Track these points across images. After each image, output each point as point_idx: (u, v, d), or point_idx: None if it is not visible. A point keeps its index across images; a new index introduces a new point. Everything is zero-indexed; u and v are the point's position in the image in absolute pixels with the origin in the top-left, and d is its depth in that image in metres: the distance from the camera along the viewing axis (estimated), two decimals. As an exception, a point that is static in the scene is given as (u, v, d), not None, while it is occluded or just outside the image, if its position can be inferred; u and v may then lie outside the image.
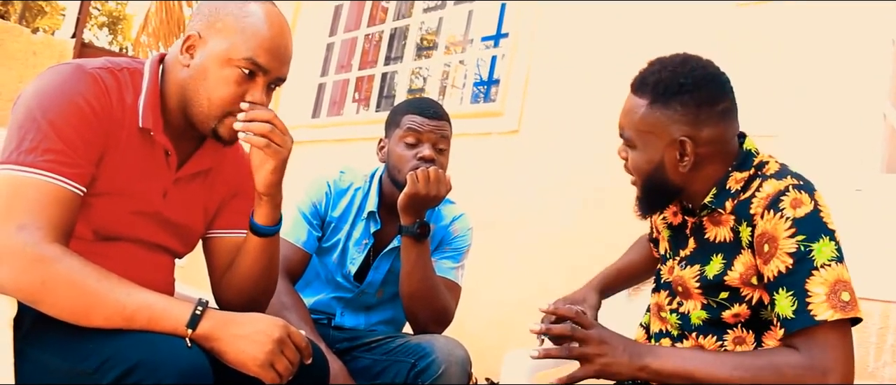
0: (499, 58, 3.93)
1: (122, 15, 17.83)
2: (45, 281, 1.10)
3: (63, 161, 1.18)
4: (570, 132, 2.96)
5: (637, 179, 1.44)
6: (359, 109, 4.73)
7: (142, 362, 1.04)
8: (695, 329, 1.42)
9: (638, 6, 2.86)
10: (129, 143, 1.29)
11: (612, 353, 1.31)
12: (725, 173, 1.39)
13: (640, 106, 1.38)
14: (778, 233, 1.27)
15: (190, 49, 1.32)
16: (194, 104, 1.33)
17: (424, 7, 4.37)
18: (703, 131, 1.35)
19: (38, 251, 1.11)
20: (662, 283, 1.53)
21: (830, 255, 1.23)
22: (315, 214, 1.96)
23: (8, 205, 1.14)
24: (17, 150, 1.17)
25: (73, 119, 1.20)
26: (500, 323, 2.93)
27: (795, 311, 1.23)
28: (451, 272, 1.96)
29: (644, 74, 1.41)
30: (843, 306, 1.21)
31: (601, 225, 2.71)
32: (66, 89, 1.22)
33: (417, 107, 1.93)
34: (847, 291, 1.22)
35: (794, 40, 2.34)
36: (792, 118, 2.27)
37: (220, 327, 1.14)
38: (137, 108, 1.30)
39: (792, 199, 1.27)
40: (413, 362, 1.75)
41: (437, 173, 1.80)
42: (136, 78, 1.32)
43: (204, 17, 1.33)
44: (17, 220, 1.13)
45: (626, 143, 1.43)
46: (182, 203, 1.40)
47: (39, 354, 1.14)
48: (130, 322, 1.11)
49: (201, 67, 1.31)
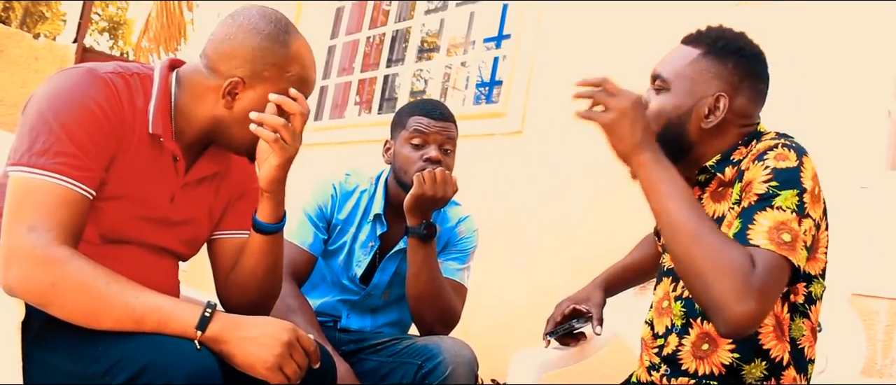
0: (501, 59, 3.93)
1: (122, 20, 17.84)
2: (54, 283, 1.10)
3: (74, 164, 1.18)
4: (573, 132, 2.95)
5: (653, 127, 1.39)
6: (361, 112, 4.73)
7: (151, 365, 1.04)
8: (699, 313, 1.41)
9: (640, 6, 2.86)
10: (138, 148, 1.29)
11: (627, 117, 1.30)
12: (733, 146, 1.41)
13: (692, 53, 1.41)
14: (755, 178, 1.27)
15: (232, 94, 1.32)
16: (235, 140, 1.36)
17: (426, 9, 4.37)
18: (739, 98, 1.39)
19: (48, 253, 1.11)
20: (665, 271, 1.53)
21: (791, 205, 1.22)
22: (321, 217, 1.96)
23: (18, 206, 1.14)
24: (29, 151, 1.17)
25: (84, 123, 1.20)
26: (505, 324, 2.93)
27: (736, 234, 1.23)
28: (457, 273, 1.96)
29: (706, 30, 1.45)
30: (779, 243, 1.19)
31: (606, 224, 2.71)
32: (79, 93, 1.22)
33: (423, 108, 1.93)
34: (790, 235, 1.20)
35: (798, 39, 2.34)
36: (796, 116, 2.27)
37: (228, 330, 1.14)
38: (147, 113, 1.30)
39: (777, 154, 1.28)
40: (420, 364, 1.75)
41: (443, 174, 1.79)
42: (147, 83, 1.33)
43: (245, 63, 1.32)
44: (28, 221, 1.13)
45: (656, 87, 1.43)
46: (189, 207, 1.41)
47: (48, 357, 1.14)
48: (140, 324, 1.11)
49: (245, 111, 1.32)
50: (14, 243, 1.12)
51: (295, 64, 1.35)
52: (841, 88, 2.22)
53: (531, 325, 1.97)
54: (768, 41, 2.37)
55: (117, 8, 17.71)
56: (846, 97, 2.20)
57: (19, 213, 1.14)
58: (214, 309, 1.15)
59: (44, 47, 5.29)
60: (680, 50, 1.44)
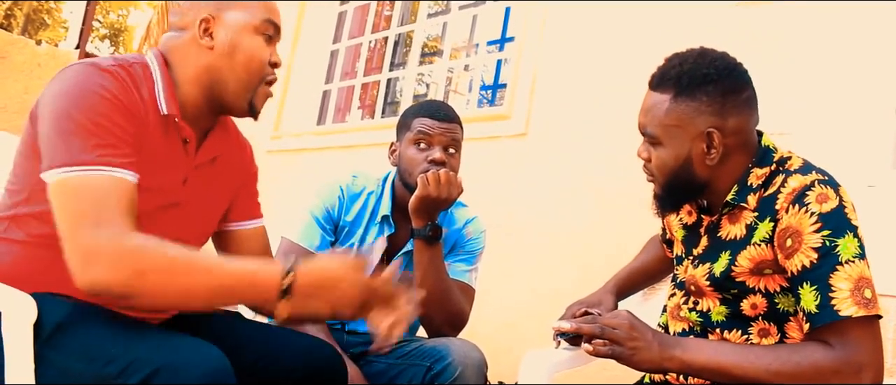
0: (504, 62, 3.93)
1: (123, 26, 17.88)
2: (141, 271, 1.08)
3: (115, 153, 1.18)
4: (578, 134, 2.96)
5: (661, 178, 1.42)
6: (363, 116, 4.73)
7: (166, 366, 1.04)
8: (718, 325, 1.42)
9: (644, 7, 2.86)
10: (154, 134, 1.30)
11: (643, 340, 1.30)
12: (746, 169, 1.38)
13: (664, 101, 1.37)
14: (803, 227, 1.26)
15: (207, 32, 1.36)
16: (230, 81, 1.38)
17: (428, 12, 4.37)
18: (729, 121, 1.35)
19: (125, 243, 1.09)
20: (679, 283, 1.53)
21: (854, 252, 1.23)
22: (328, 219, 1.95)
23: (76, 207, 1.12)
24: (68, 151, 1.15)
25: (108, 112, 1.20)
26: (511, 326, 2.92)
27: (819, 305, 1.23)
28: (464, 275, 1.96)
29: (664, 70, 1.40)
30: (866, 303, 1.21)
31: (611, 226, 2.71)
32: (92, 86, 1.21)
33: (428, 110, 1.93)
34: (869, 289, 1.22)
35: (804, 38, 2.34)
36: (803, 115, 2.27)
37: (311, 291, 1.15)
38: (154, 99, 1.32)
39: (818, 194, 1.27)
40: (429, 366, 1.74)
41: (447, 175, 1.79)
42: (146, 71, 1.34)
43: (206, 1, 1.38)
44: (92, 218, 1.11)
45: (649, 141, 1.41)
46: (201, 190, 1.42)
47: (62, 359, 1.14)
48: (232, 292, 1.14)
49: (229, 43, 1.36)
50: (87, 243, 1.09)
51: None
52: (848, 87, 2.21)
53: (538, 326, 1.96)
54: (774, 41, 2.38)
55: (118, 15, 17.74)
56: (853, 96, 2.20)
57: (80, 214, 1.12)
58: (294, 268, 1.14)
59: (46, 54, 5.31)
60: (652, 98, 1.40)
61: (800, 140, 2.21)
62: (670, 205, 1.48)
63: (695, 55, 1.39)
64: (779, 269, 1.32)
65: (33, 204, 1.24)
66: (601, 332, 1.32)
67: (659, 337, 1.32)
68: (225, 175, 1.49)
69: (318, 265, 1.17)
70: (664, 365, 1.31)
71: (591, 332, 1.32)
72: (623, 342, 1.31)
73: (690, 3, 2.69)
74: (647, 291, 1.88)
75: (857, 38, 2.22)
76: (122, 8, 17.41)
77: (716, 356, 1.28)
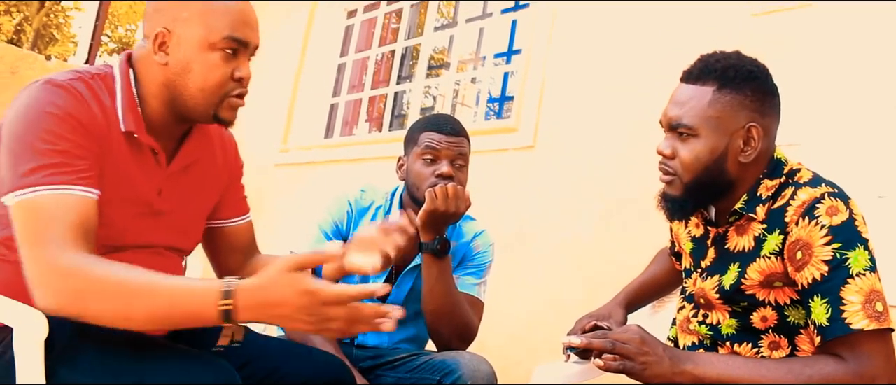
0: (511, 74, 3.93)
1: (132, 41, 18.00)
2: (80, 291, 1.08)
3: (62, 170, 1.16)
4: (586, 146, 2.96)
5: (687, 174, 1.38)
6: (371, 129, 4.74)
7: (176, 382, 1.04)
8: (728, 338, 1.41)
9: (651, 19, 2.86)
10: (118, 148, 1.28)
11: (654, 355, 1.30)
12: (757, 180, 1.38)
13: (707, 92, 1.36)
14: (813, 240, 1.26)
15: (162, 47, 1.30)
16: (186, 98, 1.31)
17: (435, 25, 4.39)
18: (766, 120, 1.36)
19: (63, 264, 1.09)
20: (688, 296, 1.53)
21: (865, 265, 1.23)
22: (336, 232, 1.95)
23: (26, 230, 1.13)
24: (14, 175, 1.15)
25: (57, 129, 1.18)
26: (520, 339, 2.91)
27: (830, 318, 1.23)
28: (473, 288, 1.96)
29: (706, 63, 1.39)
30: (877, 316, 1.21)
31: (619, 238, 2.70)
32: (42, 105, 1.20)
33: (435, 124, 1.93)
34: (880, 302, 1.22)
35: (814, 48, 2.34)
36: (814, 126, 2.26)
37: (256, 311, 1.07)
38: (116, 112, 1.28)
39: (828, 207, 1.27)
40: (438, 380, 1.74)
41: (455, 189, 1.79)
42: (109, 82, 1.31)
43: (165, 11, 1.30)
44: (39, 240, 1.12)
45: (684, 133, 1.37)
46: (179, 197, 1.40)
47: (73, 375, 1.14)
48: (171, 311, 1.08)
49: (183, 61, 1.29)
50: (34, 266, 1.11)
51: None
52: (858, 98, 2.21)
53: (547, 339, 1.96)
54: (785, 51, 2.38)
55: (126, 29, 17.86)
56: (864, 106, 2.19)
57: (30, 236, 1.12)
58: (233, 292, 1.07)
59: (56, 69, 5.32)
60: (690, 90, 1.38)
61: (810, 151, 2.20)
62: (690, 206, 1.44)
63: (735, 53, 1.40)
64: (789, 281, 1.32)
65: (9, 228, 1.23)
66: (612, 346, 1.31)
67: (670, 351, 1.32)
68: (206, 178, 1.47)
69: (258, 284, 1.08)
70: (675, 379, 1.30)
71: (602, 347, 1.32)
72: (634, 357, 1.30)
73: (698, 14, 2.69)
74: (656, 304, 1.87)
75: (867, 49, 2.22)
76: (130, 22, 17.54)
77: (727, 370, 1.28)
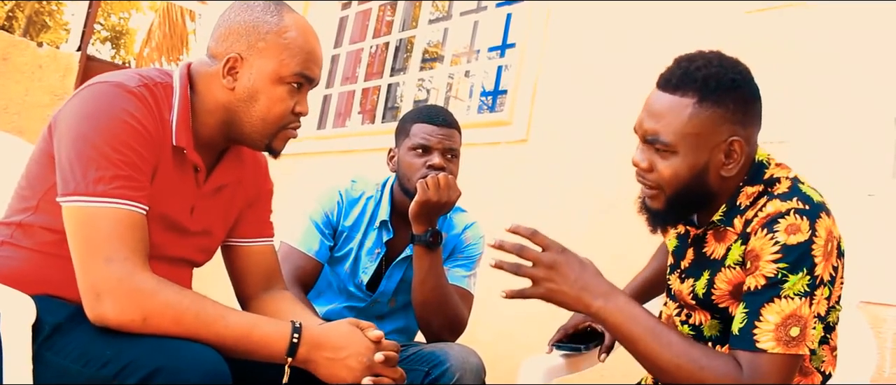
0: (504, 68, 3.93)
1: (125, 29, 17.90)
2: (146, 316, 1.12)
3: (131, 185, 1.18)
4: (579, 140, 2.97)
5: (668, 190, 1.30)
6: (364, 121, 4.73)
7: (162, 367, 1.04)
8: (710, 339, 1.39)
9: (645, 14, 2.87)
10: (165, 162, 1.29)
11: (560, 281, 1.25)
12: (736, 188, 1.32)
13: (685, 106, 1.24)
14: (763, 253, 1.21)
15: (232, 71, 1.32)
16: (245, 125, 1.34)
17: (429, 18, 4.38)
18: (748, 130, 1.28)
19: (135, 284, 1.13)
20: (671, 295, 1.50)
21: (800, 290, 1.18)
22: (327, 224, 1.95)
23: (89, 238, 1.14)
24: (85, 179, 1.15)
25: (130, 140, 1.19)
26: (510, 331, 2.92)
27: (741, 329, 1.21)
28: (463, 280, 1.96)
29: (685, 70, 1.27)
30: (786, 341, 1.17)
31: (611, 233, 2.71)
32: (118, 110, 1.20)
33: (426, 115, 1.93)
34: (798, 327, 1.18)
35: (804, 46, 2.34)
36: (803, 124, 2.27)
37: (314, 351, 1.21)
38: (170, 124, 1.29)
39: (789, 224, 1.20)
40: (427, 370, 1.74)
41: (446, 179, 1.79)
42: (169, 93, 1.32)
43: (240, 38, 1.32)
44: (103, 253, 1.13)
45: (662, 149, 1.28)
46: (206, 216, 1.40)
47: (59, 360, 1.14)
48: (232, 351, 1.16)
49: (250, 89, 1.32)
50: (97, 277, 1.12)
51: (291, 30, 1.33)
52: (848, 96, 2.21)
53: (536, 332, 1.96)
54: (774, 48, 2.39)
55: (119, 17, 17.76)
56: (853, 105, 2.20)
57: (92, 246, 1.14)
58: (301, 332, 1.20)
59: (47, 56, 5.30)
60: (667, 101, 1.26)
61: (798, 149, 2.21)
62: (672, 219, 1.38)
63: (716, 58, 1.28)
64: None
65: (43, 214, 1.24)
66: (520, 250, 1.27)
67: (584, 281, 1.25)
68: (235, 199, 1.48)
69: (324, 327, 1.25)
70: (578, 308, 1.26)
71: (512, 248, 1.27)
72: (538, 281, 1.26)
73: (690, 10, 2.70)
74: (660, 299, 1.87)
75: (856, 46, 2.23)
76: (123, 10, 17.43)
77: (628, 325, 1.23)
